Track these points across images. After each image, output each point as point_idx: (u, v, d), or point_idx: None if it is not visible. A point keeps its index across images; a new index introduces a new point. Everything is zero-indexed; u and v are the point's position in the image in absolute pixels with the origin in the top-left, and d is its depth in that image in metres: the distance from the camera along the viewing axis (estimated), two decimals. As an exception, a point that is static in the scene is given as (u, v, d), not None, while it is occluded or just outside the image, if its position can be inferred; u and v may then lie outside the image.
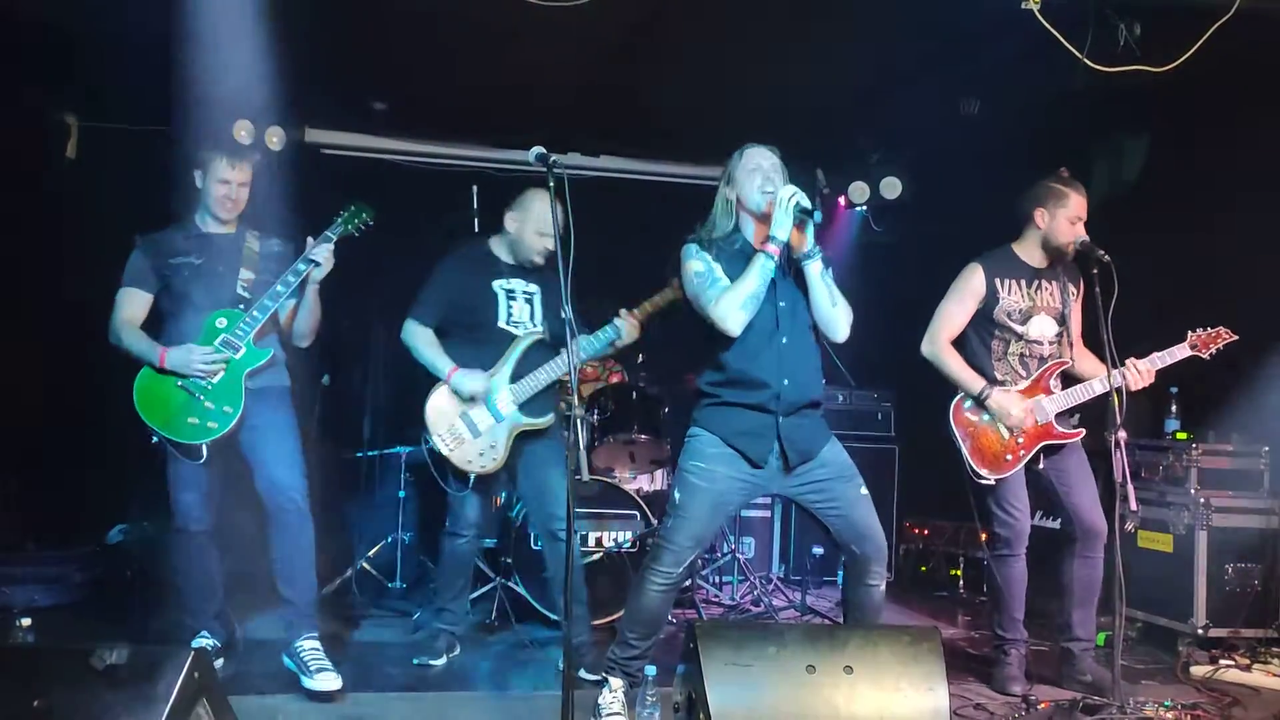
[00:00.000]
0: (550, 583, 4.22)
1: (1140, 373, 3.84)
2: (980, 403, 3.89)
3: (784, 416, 3.34)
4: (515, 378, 3.99)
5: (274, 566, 3.70)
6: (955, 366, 3.95)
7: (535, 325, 4.08)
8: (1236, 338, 3.90)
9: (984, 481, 3.88)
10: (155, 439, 3.59)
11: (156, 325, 3.73)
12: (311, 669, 3.51)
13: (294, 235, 3.85)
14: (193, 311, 3.66)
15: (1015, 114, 4.93)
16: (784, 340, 3.37)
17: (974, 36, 4.45)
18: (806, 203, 3.28)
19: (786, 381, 3.35)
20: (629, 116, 5.68)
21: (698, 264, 3.39)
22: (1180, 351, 3.88)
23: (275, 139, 5.31)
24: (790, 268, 3.42)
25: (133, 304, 3.71)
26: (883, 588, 3.49)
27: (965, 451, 3.89)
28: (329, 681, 3.48)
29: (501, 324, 4.02)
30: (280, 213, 3.97)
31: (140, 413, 3.56)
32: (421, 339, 4.00)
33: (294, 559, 3.67)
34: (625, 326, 4.00)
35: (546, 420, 4.05)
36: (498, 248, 4.13)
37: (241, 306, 3.65)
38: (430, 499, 5.44)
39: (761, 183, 3.38)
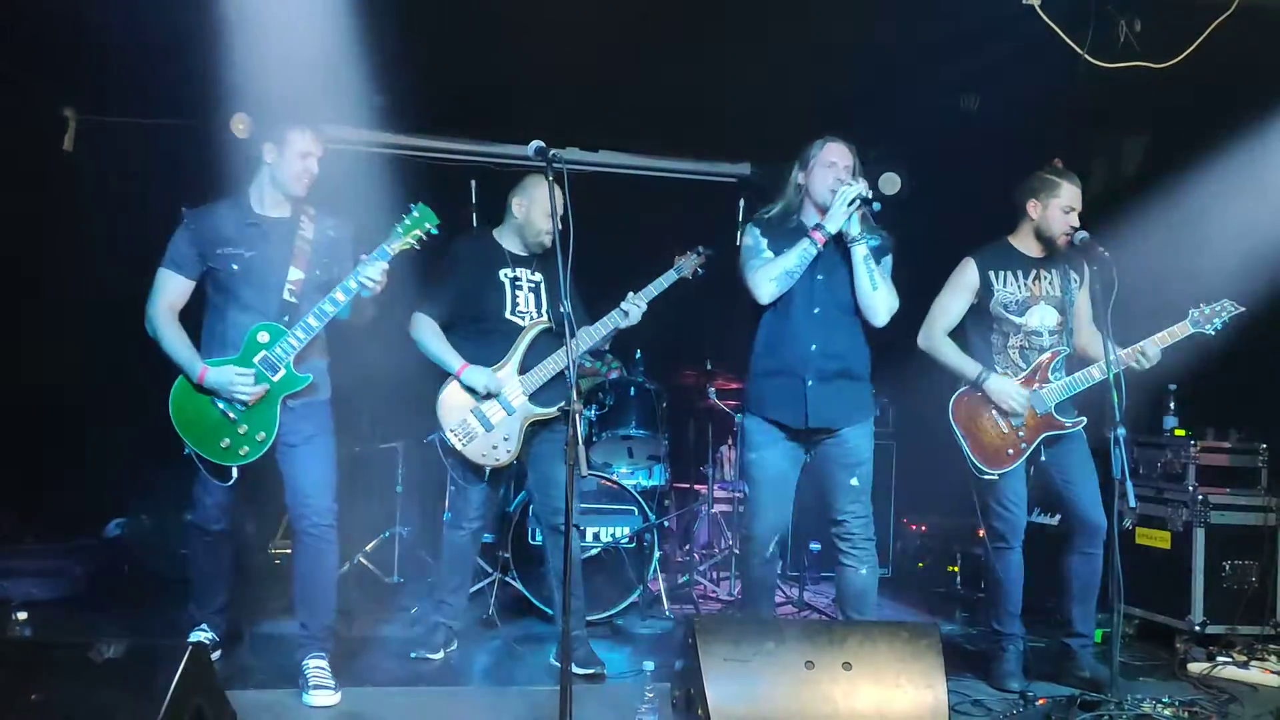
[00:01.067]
0: (549, 576, 4.21)
1: (1148, 355, 3.82)
2: (978, 387, 3.88)
3: (813, 381, 3.62)
4: (524, 369, 3.98)
5: (293, 585, 3.65)
6: (951, 354, 3.95)
7: (540, 315, 4.06)
8: (1243, 309, 3.86)
9: (987, 478, 3.88)
10: (187, 451, 3.50)
11: (194, 316, 3.58)
12: (310, 685, 3.47)
13: (351, 213, 3.71)
14: (236, 310, 3.50)
15: (1015, 110, 4.92)
16: (816, 310, 3.67)
17: (974, 32, 4.45)
18: (866, 193, 3.58)
19: (814, 347, 3.65)
20: (629, 111, 5.66)
21: (748, 239, 3.76)
22: (1182, 330, 3.85)
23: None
24: (838, 244, 3.68)
25: (173, 290, 3.51)
26: (863, 571, 3.67)
27: (967, 448, 3.89)
28: (324, 699, 3.44)
29: (507, 315, 4.00)
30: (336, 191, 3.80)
31: (175, 425, 3.46)
32: (430, 334, 3.97)
33: (313, 581, 3.61)
34: (631, 309, 3.99)
35: (557, 409, 4.03)
36: (502, 237, 4.11)
37: (285, 319, 3.48)
38: (428, 493, 5.45)
39: (833, 181, 3.66)
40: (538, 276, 4.09)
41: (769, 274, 3.63)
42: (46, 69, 5.05)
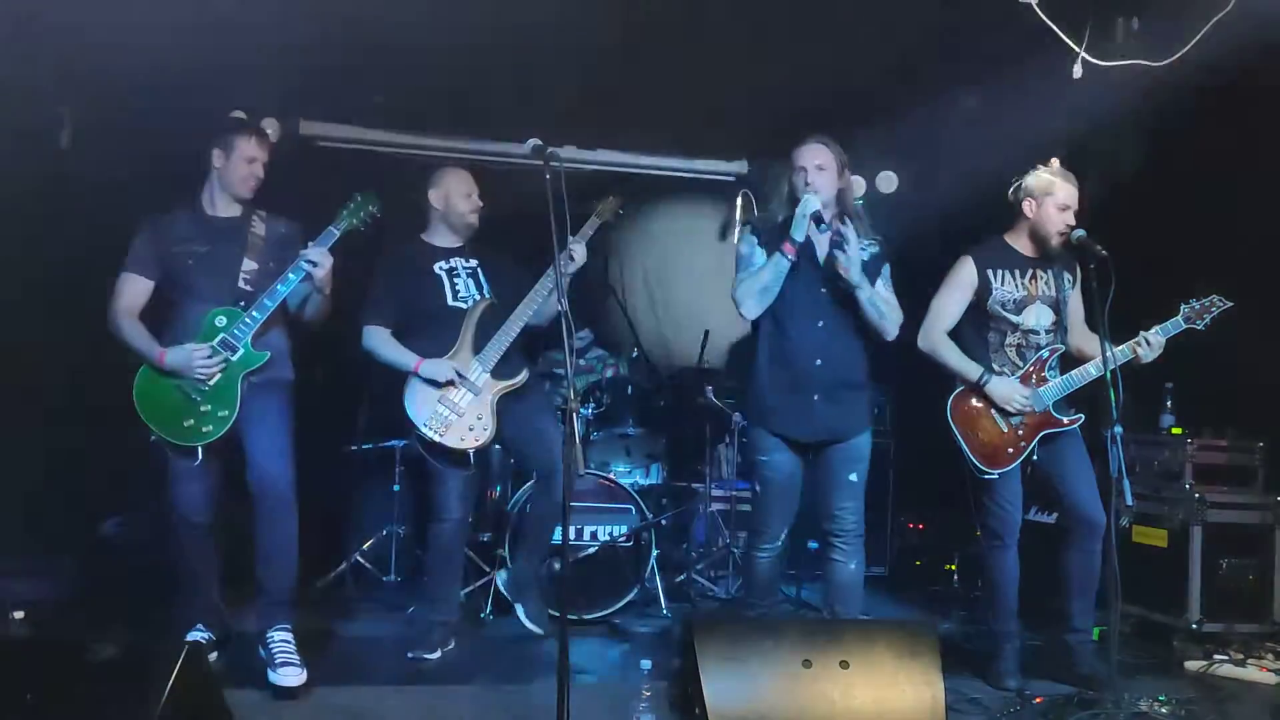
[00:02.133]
0: (525, 521, 4.38)
1: (1150, 344, 3.83)
2: (979, 390, 3.88)
3: (819, 396, 3.67)
4: (478, 349, 4.05)
5: (256, 553, 3.70)
6: (952, 356, 3.94)
7: (483, 296, 4.14)
8: (1230, 304, 3.88)
9: (987, 477, 3.88)
10: (154, 438, 3.61)
11: (157, 314, 3.71)
12: (277, 661, 3.50)
13: (299, 216, 3.83)
14: (194, 302, 3.65)
15: (1012, 108, 4.92)
16: (820, 324, 3.70)
17: (972, 30, 4.45)
18: (817, 207, 3.59)
19: (819, 362, 3.68)
20: (626, 110, 5.66)
21: (743, 246, 3.78)
22: (1176, 325, 3.87)
23: (270, 130, 5.28)
24: (833, 256, 3.68)
25: (133, 291, 3.69)
26: (852, 566, 3.74)
27: (967, 449, 3.88)
28: (291, 677, 3.46)
29: (450, 303, 4.09)
30: (286, 193, 3.92)
31: (139, 412, 3.59)
32: (380, 340, 4.06)
33: (273, 546, 3.67)
34: (577, 248, 4.01)
35: (522, 377, 4.12)
36: (431, 236, 4.22)
37: (242, 304, 3.63)
38: (425, 492, 5.44)
39: (801, 186, 3.68)
40: (473, 262, 4.19)
41: (749, 291, 3.67)
42: (42, 65, 5.03)
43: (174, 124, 5.15)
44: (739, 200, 5.37)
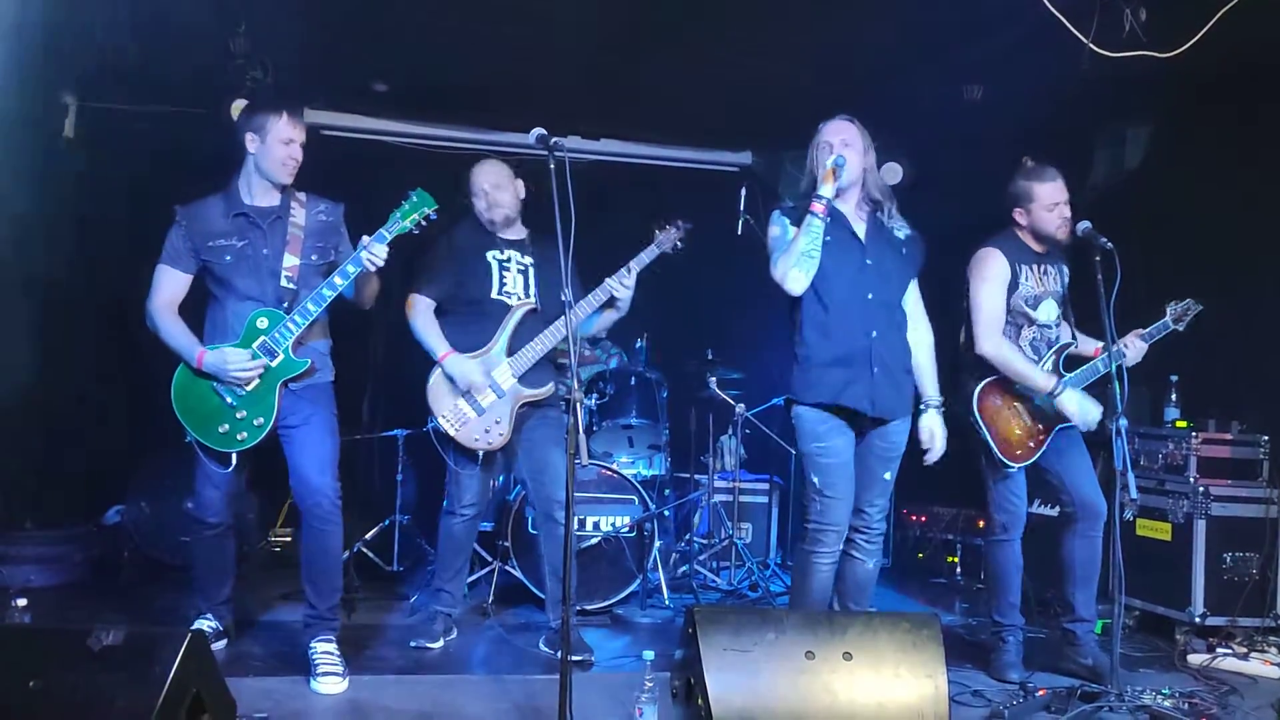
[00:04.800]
0: (541, 564, 4.20)
1: (1130, 349, 3.87)
2: (1053, 400, 3.81)
3: (878, 369, 3.55)
4: (511, 350, 3.99)
5: (301, 565, 3.66)
6: (1021, 364, 3.85)
7: (528, 297, 4.07)
8: (1201, 308, 3.90)
9: (1009, 470, 3.87)
10: (189, 439, 3.53)
11: (198, 309, 3.61)
12: (318, 672, 3.48)
13: (340, 198, 3.72)
14: (234, 299, 3.53)
15: (1019, 100, 4.89)
16: (870, 296, 3.58)
17: (978, 21, 4.42)
18: (842, 162, 3.53)
19: (875, 334, 3.56)
20: (630, 100, 5.64)
21: (775, 228, 3.66)
22: (1164, 327, 3.90)
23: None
24: (880, 234, 3.64)
25: (170, 285, 3.54)
26: (869, 565, 3.69)
27: (992, 443, 3.87)
28: (331, 685, 3.44)
29: (494, 295, 4.02)
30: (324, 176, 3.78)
31: (176, 412, 3.49)
32: (423, 317, 3.98)
33: (319, 562, 3.62)
34: (623, 280, 3.98)
35: (547, 389, 4.06)
36: (487, 221, 4.14)
37: (284, 305, 3.50)
38: (428, 481, 5.43)
39: (825, 154, 3.59)
40: (528, 260, 4.10)
41: (789, 262, 3.49)
42: (46, 53, 5.02)
43: (179, 112, 5.18)
44: (742, 192, 5.35)
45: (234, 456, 3.52)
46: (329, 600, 3.65)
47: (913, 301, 3.76)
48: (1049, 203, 3.85)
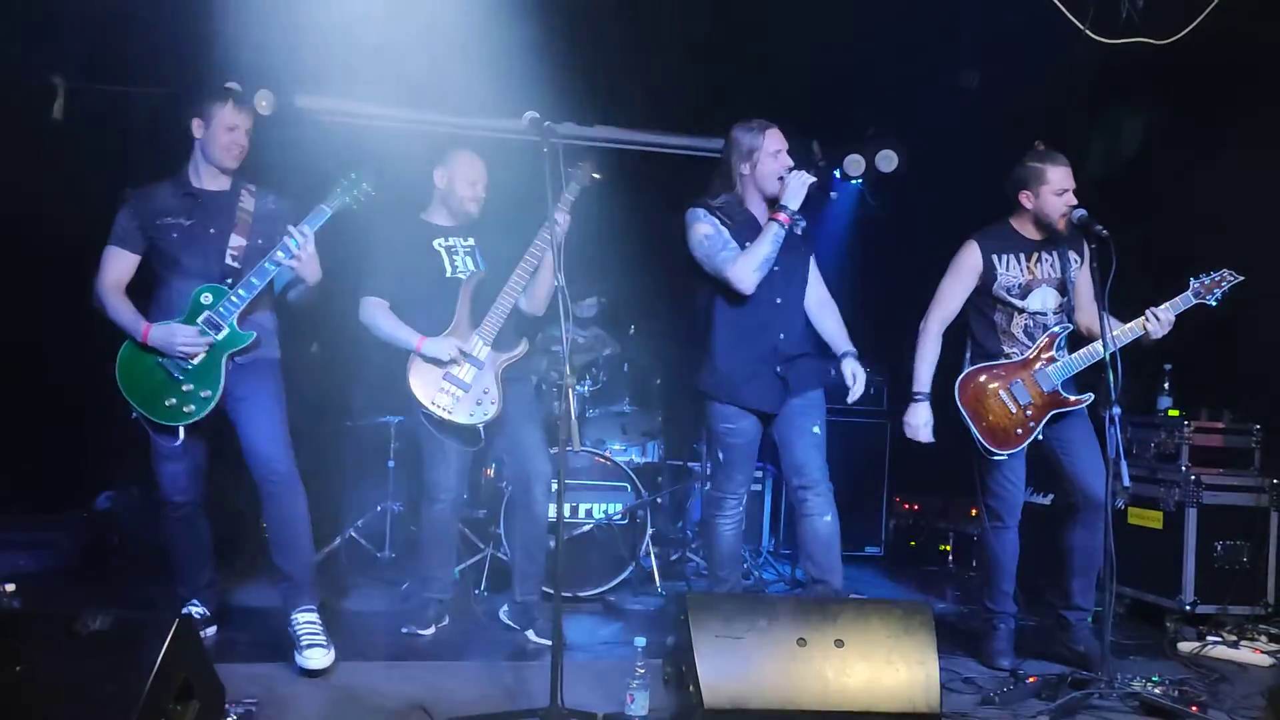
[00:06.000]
0: (510, 537, 4.30)
1: (1160, 320, 3.79)
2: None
3: (781, 367, 3.77)
4: (476, 321, 4.00)
5: (268, 538, 3.66)
6: (921, 360, 3.98)
7: (478, 269, 4.09)
8: (1241, 279, 3.83)
9: (995, 458, 3.87)
10: (134, 414, 3.54)
11: (144, 289, 3.64)
12: (303, 644, 3.47)
13: (291, 192, 3.76)
14: (180, 278, 3.57)
15: (1015, 86, 4.88)
16: (778, 300, 3.80)
17: (974, 7, 4.40)
18: (815, 178, 3.75)
19: (782, 336, 3.80)
20: (624, 86, 5.61)
21: (707, 227, 3.75)
22: (1184, 301, 3.82)
23: (265, 103, 5.23)
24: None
25: (118, 265, 3.60)
26: (828, 518, 3.78)
27: (976, 431, 3.86)
28: (318, 659, 3.43)
29: (448, 275, 4.04)
30: (276, 167, 3.86)
31: (121, 388, 3.51)
32: (381, 315, 3.98)
33: (285, 529, 3.63)
34: (560, 217, 3.92)
35: (522, 348, 4.10)
36: (430, 214, 4.15)
37: (229, 281, 3.55)
38: (420, 469, 5.42)
39: (781, 169, 3.75)
40: (470, 241, 4.13)
41: (751, 264, 3.67)
42: (35, 35, 4.98)
43: (168, 95, 5.14)
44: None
45: (180, 430, 3.52)
46: (301, 563, 3.65)
47: (812, 278, 3.97)
48: (1059, 187, 3.83)
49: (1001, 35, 4.56)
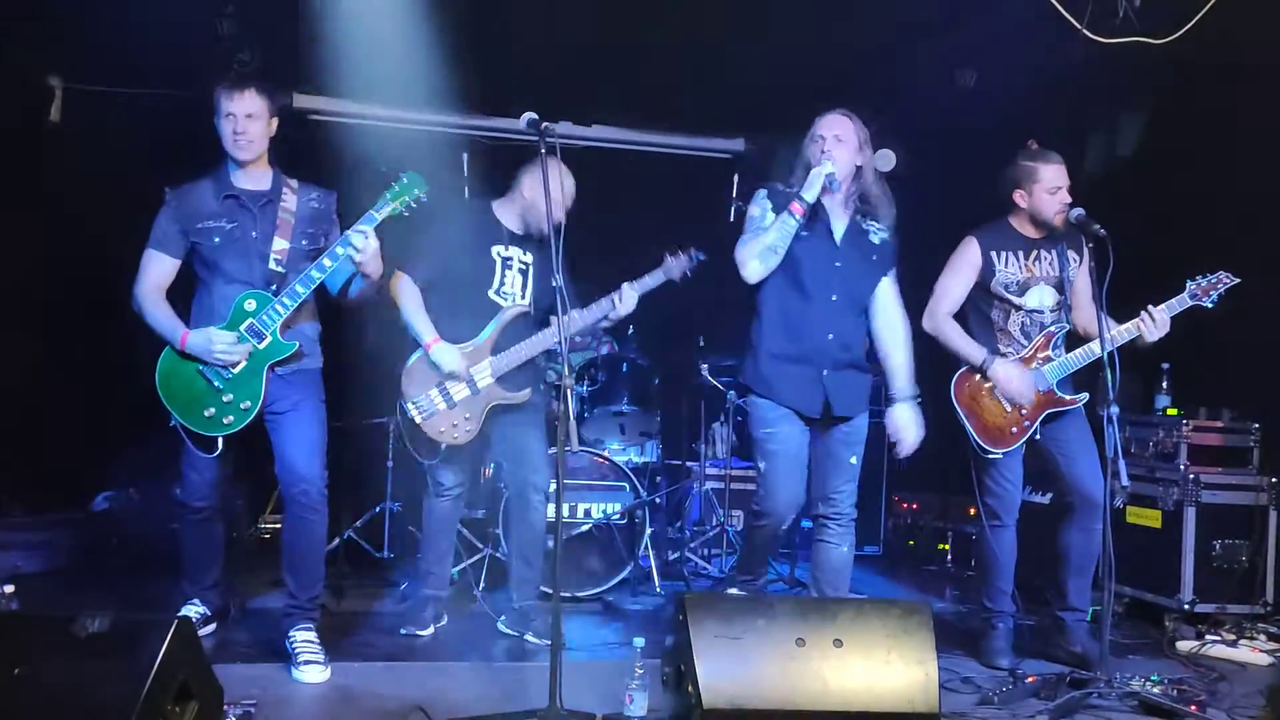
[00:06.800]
0: (509, 542, 4.24)
1: (1155, 321, 3.80)
2: (982, 373, 3.86)
3: (829, 371, 3.62)
4: (496, 350, 3.93)
5: (283, 554, 3.62)
6: (956, 338, 3.93)
7: (524, 299, 3.99)
8: (1238, 280, 3.83)
9: (990, 456, 3.86)
10: (173, 422, 3.47)
11: (187, 292, 3.55)
12: (300, 660, 3.45)
13: (329, 183, 3.68)
14: (223, 282, 3.47)
15: (1012, 86, 4.88)
16: (834, 298, 3.63)
17: (971, 6, 4.41)
18: (830, 170, 3.57)
19: (831, 336, 3.63)
20: (623, 85, 5.61)
21: (755, 208, 3.68)
22: (1180, 303, 3.83)
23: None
24: (857, 238, 3.67)
25: (157, 269, 3.49)
26: (844, 549, 3.72)
27: (970, 429, 3.87)
28: (314, 674, 3.41)
29: (490, 293, 3.94)
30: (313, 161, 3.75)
31: (160, 395, 3.43)
32: (410, 297, 3.87)
33: (301, 551, 3.59)
34: (626, 295, 3.94)
35: (523, 395, 3.99)
36: (502, 212, 4.01)
37: (273, 288, 3.45)
38: (419, 469, 5.41)
39: (818, 155, 3.62)
40: (529, 258, 4.00)
41: (752, 251, 3.58)
42: (32, 37, 4.97)
43: (167, 96, 5.13)
44: (734, 179, 5.33)
45: (219, 441, 3.47)
46: (311, 591, 3.61)
47: (887, 297, 3.77)
48: (1052, 185, 3.84)
49: (999, 34, 4.56)
